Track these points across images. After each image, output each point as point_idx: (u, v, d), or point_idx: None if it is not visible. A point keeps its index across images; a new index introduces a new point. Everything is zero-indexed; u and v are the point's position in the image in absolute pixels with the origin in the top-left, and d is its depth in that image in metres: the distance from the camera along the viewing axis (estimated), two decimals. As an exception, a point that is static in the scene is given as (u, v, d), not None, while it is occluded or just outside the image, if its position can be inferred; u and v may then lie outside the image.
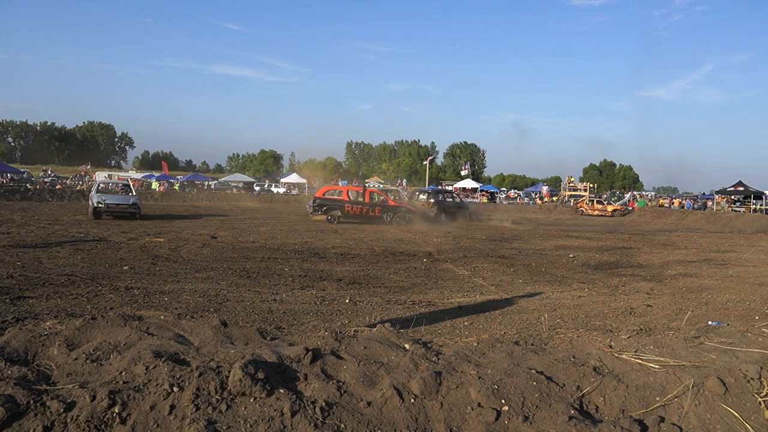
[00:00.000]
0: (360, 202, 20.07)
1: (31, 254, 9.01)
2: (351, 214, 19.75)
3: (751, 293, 7.66)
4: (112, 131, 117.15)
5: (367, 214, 19.95)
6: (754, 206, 36.34)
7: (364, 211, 19.94)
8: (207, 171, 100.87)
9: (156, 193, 39.91)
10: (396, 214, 20.13)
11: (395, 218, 19.99)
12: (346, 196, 20.26)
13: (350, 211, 19.72)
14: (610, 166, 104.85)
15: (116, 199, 18.70)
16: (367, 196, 20.44)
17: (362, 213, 19.92)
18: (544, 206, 44.64)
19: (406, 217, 20.19)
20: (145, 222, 17.52)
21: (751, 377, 2.11)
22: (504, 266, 10.29)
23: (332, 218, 19.38)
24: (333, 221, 19.24)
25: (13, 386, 1.80)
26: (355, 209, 19.81)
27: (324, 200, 19.97)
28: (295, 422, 1.75)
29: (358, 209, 19.87)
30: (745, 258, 13.09)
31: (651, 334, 3.04)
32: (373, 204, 20.22)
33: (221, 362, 2.04)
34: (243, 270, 8.47)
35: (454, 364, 2.21)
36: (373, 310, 6.12)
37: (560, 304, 6.79)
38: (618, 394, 2.08)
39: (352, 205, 19.81)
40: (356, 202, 20.00)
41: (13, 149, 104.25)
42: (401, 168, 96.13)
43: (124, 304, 5.69)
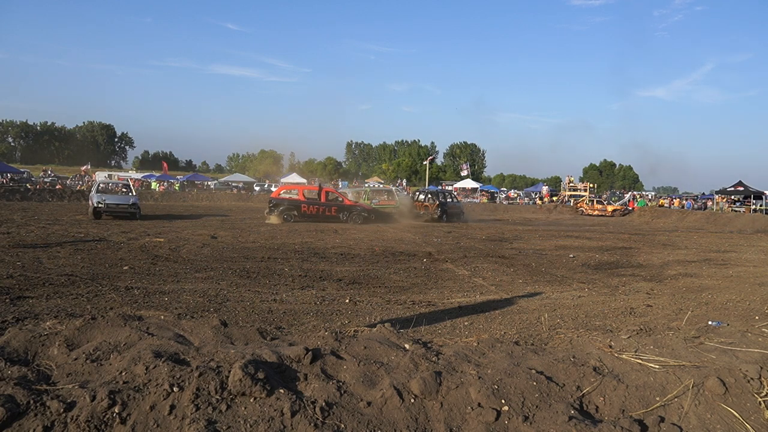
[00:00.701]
0: (316, 202, 20.14)
1: (31, 254, 9.01)
2: (307, 213, 19.72)
3: (751, 293, 7.66)
4: (112, 131, 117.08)
5: (323, 213, 19.98)
6: (754, 206, 36.32)
7: (321, 211, 19.97)
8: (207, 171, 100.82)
9: (156, 193, 39.92)
10: (352, 213, 20.25)
11: (351, 217, 20.11)
12: (301, 196, 20.28)
13: (306, 210, 19.71)
14: (610, 166, 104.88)
15: (116, 199, 18.71)
16: (323, 196, 20.56)
17: (318, 212, 19.94)
18: (544, 206, 44.65)
19: (362, 216, 20.32)
20: (145, 222, 17.53)
21: (751, 377, 2.11)
22: (504, 266, 10.29)
23: (288, 218, 19.30)
24: (289, 220, 19.18)
25: (13, 386, 1.80)
26: (312, 209, 19.82)
27: (280, 200, 19.94)
28: (295, 422, 1.75)
29: (315, 209, 19.88)
30: (745, 258, 13.09)
31: (651, 334, 3.04)
32: (329, 203, 20.29)
33: (221, 362, 2.04)
34: (243, 270, 8.47)
35: (454, 364, 2.21)
36: (373, 310, 6.12)
37: (560, 304, 6.79)
38: (618, 394, 2.08)
39: (308, 205, 19.82)
40: (312, 202, 20.05)
41: (13, 149, 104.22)
42: (401, 168, 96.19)
43: (124, 304, 5.69)
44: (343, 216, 20.13)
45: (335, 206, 20.29)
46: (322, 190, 21.18)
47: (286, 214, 19.37)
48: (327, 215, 20.03)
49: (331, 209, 20.15)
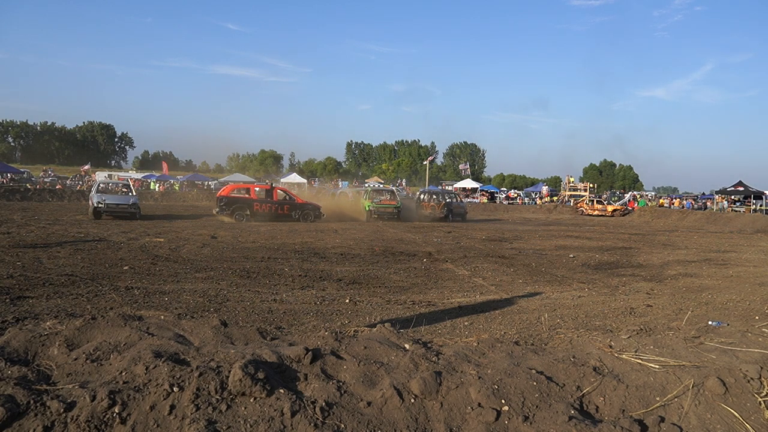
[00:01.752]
0: (268, 201, 20.07)
1: (31, 254, 9.01)
2: (259, 212, 19.60)
3: (751, 293, 7.66)
4: (112, 131, 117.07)
5: (275, 212, 19.95)
6: (754, 206, 36.32)
7: (273, 210, 19.92)
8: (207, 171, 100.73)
9: (156, 193, 39.92)
10: (303, 211, 20.35)
11: (303, 215, 20.21)
12: (253, 195, 20.14)
13: (258, 209, 19.61)
14: (610, 166, 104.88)
15: (116, 199, 18.71)
16: (275, 194, 20.48)
17: (270, 211, 19.87)
18: (544, 206, 44.64)
19: (313, 214, 20.46)
20: (145, 222, 17.53)
21: (751, 377, 2.11)
22: (504, 266, 10.29)
23: (239, 217, 19.10)
24: (240, 220, 18.96)
25: (13, 386, 1.80)
26: (264, 207, 19.75)
27: (230, 199, 19.65)
28: (295, 422, 1.75)
29: (267, 207, 19.83)
30: (745, 258, 13.09)
31: (651, 334, 3.04)
32: (281, 202, 20.28)
33: (221, 362, 2.04)
34: (243, 270, 8.47)
35: (454, 364, 2.21)
36: (373, 310, 6.12)
37: (560, 304, 6.79)
38: (618, 394, 2.08)
39: (260, 204, 19.74)
40: (264, 201, 19.97)
41: (13, 149, 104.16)
42: (401, 168, 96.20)
43: (124, 304, 5.69)
44: (295, 214, 20.15)
45: (287, 205, 20.29)
46: (274, 188, 21.06)
47: (237, 213, 19.18)
48: (279, 214, 19.96)
49: (283, 208, 20.13)
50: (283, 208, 20.12)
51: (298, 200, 21.18)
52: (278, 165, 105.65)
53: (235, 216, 19.10)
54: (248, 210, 19.40)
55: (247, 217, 19.21)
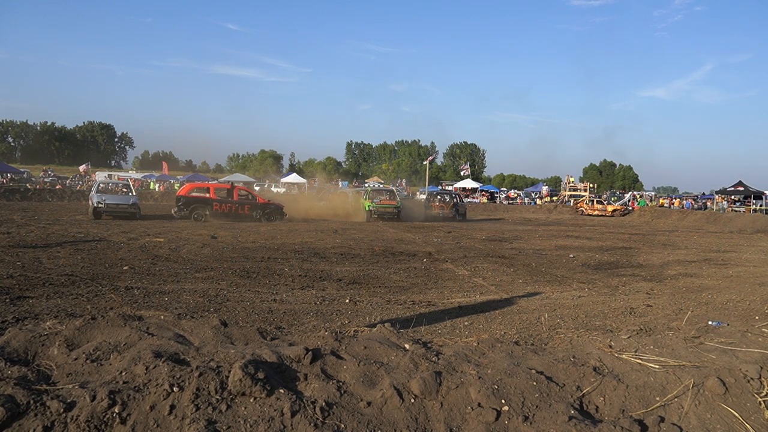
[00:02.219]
0: (228, 200, 19.77)
1: (31, 254, 9.01)
2: (219, 212, 19.25)
3: (751, 293, 7.66)
4: (112, 131, 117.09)
5: (236, 212, 19.61)
6: (754, 206, 36.32)
7: (233, 209, 19.60)
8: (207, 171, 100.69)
9: (156, 193, 39.91)
10: (265, 211, 20.05)
11: (264, 215, 19.91)
12: (213, 194, 19.83)
13: (218, 209, 19.26)
14: (610, 166, 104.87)
15: (116, 199, 18.70)
16: (235, 194, 20.17)
17: (231, 211, 19.54)
18: (544, 206, 44.65)
19: (275, 214, 20.19)
20: (145, 222, 17.53)
21: (751, 377, 2.11)
22: (504, 266, 10.29)
23: (198, 217, 18.72)
24: (200, 220, 18.57)
25: (13, 386, 1.80)
26: (224, 207, 19.43)
27: (189, 199, 19.21)
28: (295, 422, 1.75)
29: (227, 207, 19.50)
30: (745, 258, 13.09)
31: (651, 334, 3.04)
32: (241, 202, 19.95)
33: (221, 362, 2.04)
34: (243, 270, 8.48)
35: (454, 364, 2.21)
36: (373, 310, 6.12)
37: (560, 304, 6.79)
38: (618, 394, 2.08)
39: (220, 204, 19.40)
40: (223, 200, 19.67)
41: (13, 149, 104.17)
42: (401, 168, 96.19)
43: (124, 304, 5.69)
44: (257, 214, 19.83)
45: (248, 204, 19.98)
46: (234, 188, 20.73)
47: (196, 213, 18.81)
48: (240, 213, 19.62)
49: (244, 207, 19.79)
50: (243, 208, 19.75)
51: (260, 200, 20.85)
52: (278, 165, 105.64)
53: (194, 216, 18.67)
54: (207, 210, 19.00)
55: (206, 218, 18.80)
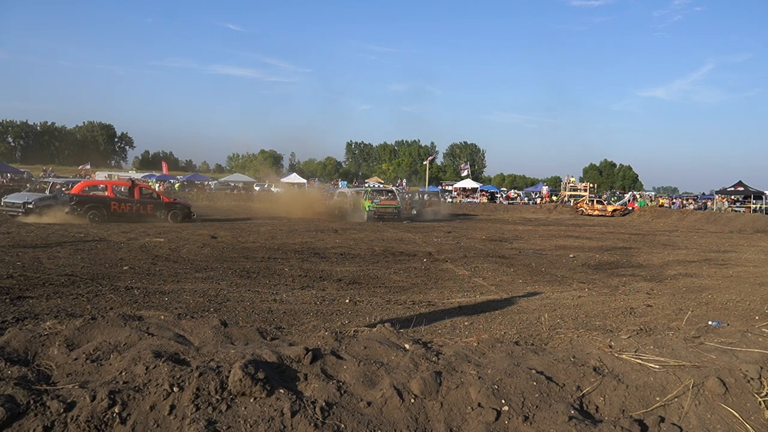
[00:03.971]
0: (128, 199, 18.41)
1: (31, 254, 9.01)
2: (118, 212, 17.78)
3: (751, 293, 7.66)
4: (112, 131, 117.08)
5: (137, 212, 18.20)
6: (754, 206, 36.31)
7: (134, 209, 18.17)
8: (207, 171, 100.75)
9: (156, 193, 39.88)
10: (171, 211, 18.81)
11: (170, 215, 18.66)
12: (110, 193, 18.31)
13: (117, 209, 17.79)
14: (610, 166, 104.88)
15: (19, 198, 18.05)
16: (137, 192, 18.74)
17: (131, 211, 18.11)
18: (544, 206, 44.65)
19: (181, 214, 19.01)
20: (145, 222, 17.52)
21: (751, 377, 2.11)
22: (504, 266, 10.29)
23: (94, 217, 17.10)
24: (95, 220, 16.97)
25: (13, 386, 1.80)
26: (123, 207, 17.97)
27: (84, 197, 17.49)
28: (295, 422, 1.75)
29: (127, 207, 18.07)
30: (745, 258, 13.09)
31: (651, 334, 3.04)
32: (144, 201, 18.60)
33: (221, 362, 2.03)
34: (243, 270, 8.48)
35: (454, 364, 2.21)
36: (373, 310, 6.12)
37: (560, 304, 6.79)
38: (618, 394, 2.08)
39: (118, 203, 17.96)
40: (123, 199, 18.32)
41: (13, 149, 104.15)
42: (401, 168, 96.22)
43: (124, 304, 5.69)
44: (161, 214, 18.52)
45: (151, 204, 18.65)
46: (136, 186, 19.29)
47: (92, 213, 17.17)
48: (142, 213, 18.25)
49: (147, 207, 18.45)
50: (146, 208, 18.42)
51: (164, 199, 19.67)
52: (278, 165, 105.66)
53: (89, 216, 17.04)
54: (105, 210, 17.52)
55: (103, 218, 17.33)
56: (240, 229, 16.42)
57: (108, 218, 17.46)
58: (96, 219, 17.16)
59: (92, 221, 16.91)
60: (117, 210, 17.88)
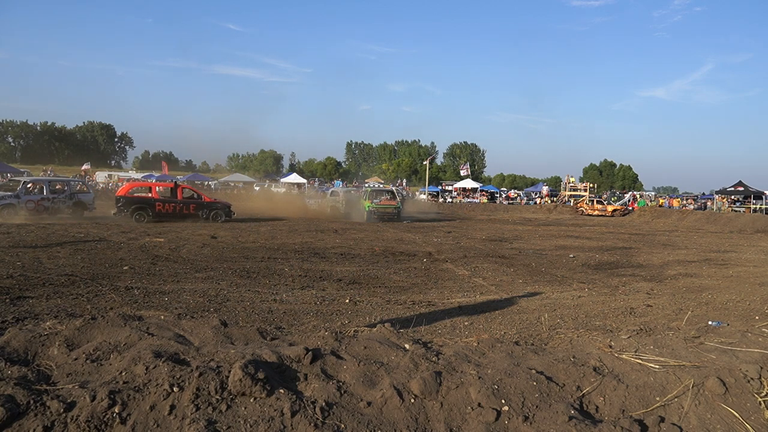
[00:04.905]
0: (171, 200, 18.98)
1: (31, 254, 9.01)
2: (162, 212, 18.44)
3: (751, 293, 7.66)
4: (112, 131, 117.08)
5: (180, 212, 18.80)
6: (754, 206, 36.30)
7: (177, 209, 18.77)
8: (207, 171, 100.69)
9: (156, 193, 39.87)
10: (212, 210, 19.36)
11: (212, 215, 19.19)
12: (155, 194, 18.99)
13: (161, 209, 18.44)
14: (610, 166, 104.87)
15: None
16: (180, 193, 19.40)
17: (175, 211, 18.71)
18: (544, 206, 44.65)
19: (223, 213, 19.49)
20: (145, 222, 17.53)
21: (751, 377, 2.11)
22: (504, 266, 10.29)
23: (140, 218, 17.83)
24: (141, 221, 17.66)
25: (13, 386, 1.80)
26: (167, 207, 18.60)
27: (130, 198, 18.24)
28: (295, 422, 1.75)
29: (170, 207, 18.67)
30: (745, 258, 13.09)
31: (651, 334, 3.04)
32: (186, 201, 19.15)
33: (221, 362, 2.03)
34: (243, 270, 8.48)
35: (454, 364, 2.21)
36: (373, 310, 6.12)
37: (560, 304, 6.79)
38: (618, 394, 2.08)
39: (163, 203, 18.56)
40: (167, 200, 18.88)
41: (13, 149, 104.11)
42: (401, 168, 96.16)
43: (124, 304, 5.69)
44: (203, 214, 19.07)
45: (193, 204, 19.17)
46: (178, 187, 19.95)
47: (137, 213, 17.87)
48: (185, 213, 18.82)
49: (189, 207, 18.99)
50: (188, 207, 18.96)
51: (206, 199, 20.17)
52: (278, 165, 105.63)
53: (135, 217, 17.73)
54: (150, 210, 18.16)
55: (148, 218, 17.96)
56: (240, 229, 16.42)
57: (152, 218, 18.05)
58: (141, 219, 17.80)
59: (137, 221, 17.56)
60: (161, 210, 18.48)
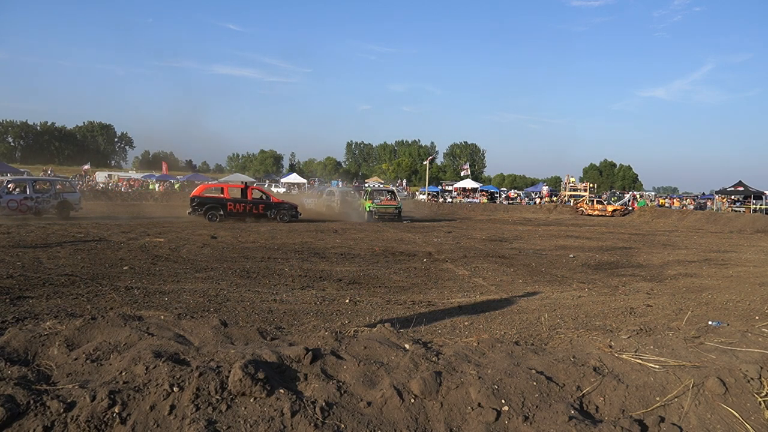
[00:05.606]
0: (242, 200, 19.93)
1: (31, 254, 9.01)
2: (233, 212, 19.47)
3: (751, 293, 7.66)
4: (112, 131, 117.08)
5: (250, 211, 19.82)
6: (754, 206, 36.30)
7: (247, 209, 19.79)
8: (207, 171, 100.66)
9: (156, 193, 39.92)
10: (279, 210, 20.22)
11: (279, 215, 20.09)
12: (226, 194, 19.98)
13: (232, 209, 19.46)
14: (610, 166, 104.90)
15: None
16: (249, 194, 20.34)
17: (245, 211, 19.74)
18: (544, 206, 44.64)
19: (290, 213, 20.29)
20: (145, 222, 17.53)
21: (751, 377, 2.11)
22: (504, 266, 10.29)
23: (213, 217, 18.97)
24: (214, 220, 18.82)
25: (13, 386, 1.80)
26: (238, 207, 19.61)
27: (203, 199, 19.38)
28: (295, 422, 1.75)
29: (241, 207, 19.68)
30: (745, 258, 13.09)
31: (651, 334, 3.04)
32: (255, 201, 20.12)
33: (221, 362, 2.03)
34: (243, 270, 8.47)
35: (454, 364, 2.21)
36: (373, 310, 6.12)
37: (560, 304, 6.79)
38: (618, 394, 2.08)
39: (234, 203, 19.58)
40: (238, 200, 19.83)
41: (13, 149, 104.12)
42: (401, 168, 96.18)
43: (124, 304, 5.69)
44: (271, 214, 20.00)
45: (262, 204, 20.14)
46: (248, 188, 20.89)
47: (210, 213, 19.00)
48: (254, 213, 19.83)
49: (258, 207, 19.98)
50: (257, 208, 19.94)
51: (274, 199, 21.12)
52: (278, 165, 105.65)
53: (208, 216, 18.86)
54: (222, 210, 19.19)
55: (220, 217, 19.02)
56: (240, 229, 16.42)
57: (224, 218, 19.11)
58: (214, 219, 18.94)
59: (210, 221, 18.71)
60: (232, 210, 19.49)
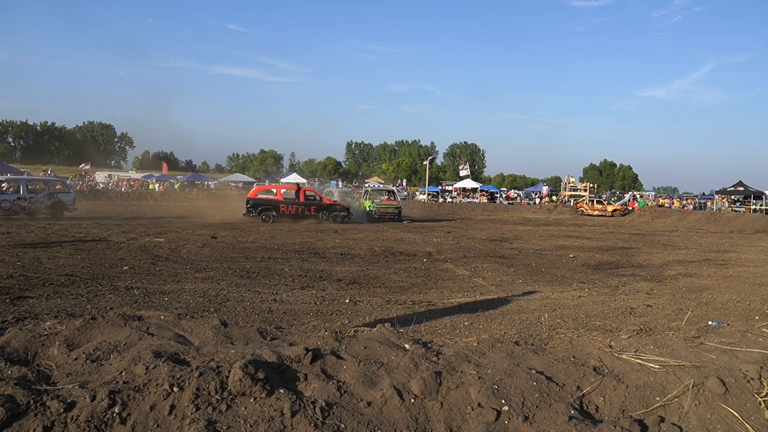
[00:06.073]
0: (294, 202, 20.37)
1: (31, 254, 9.00)
2: (286, 213, 19.93)
3: (751, 293, 7.66)
4: (112, 131, 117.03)
5: (302, 213, 20.21)
6: (754, 206, 36.29)
7: (300, 211, 20.19)
8: (207, 171, 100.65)
9: (156, 193, 39.92)
10: (331, 212, 20.58)
11: (331, 216, 20.44)
12: (279, 196, 20.51)
13: (285, 210, 19.94)
14: (610, 166, 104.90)
15: None
16: (302, 196, 20.76)
17: (297, 212, 20.15)
18: (544, 206, 44.64)
19: (341, 215, 20.68)
20: (145, 222, 17.53)
21: (751, 377, 2.11)
22: (504, 266, 10.29)
23: (267, 218, 19.53)
24: (268, 221, 19.34)
25: (13, 386, 1.80)
26: (290, 209, 20.05)
27: (258, 200, 20.03)
28: (295, 422, 1.75)
29: (294, 208, 20.11)
30: (745, 258, 13.09)
31: (651, 334, 3.04)
32: (308, 203, 20.51)
33: (221, 362, 2.03)
34: (243, 270, 8.47)
35: (454, 364, 2.21)
36: (373, 310, 6.12)
37: (560, 304, 6.79)
38: (618, 394, 2.08)
39: (287, 205, 20.05)
40: (291, 202, 20.28)
41: (13, 149, 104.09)
42: (401, 168, 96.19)
43: (124, 304, 5.69)
44: (322, 215, 20.38)
45: (314, 205, 20.50)
46: (301, 189, 21.37)
47: (264, 214, 19.57)
48: (306, 215, 20.23)
49: (310, 208, 20.35)
50: (310, 209, 20.33)
51: (326, 201, 21.38)
52: (278, 165, 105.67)
53: (262, 217, 19.45)
54: (275, 211, 19.74)
55: (273, 218, 19.56)
56: (240, 229, 16.42)
57: (277, 219, 19.67)
58: (267, 220, 19.51)
59: (264, 221, 19.28)
60: (285, 211, 20.02)
